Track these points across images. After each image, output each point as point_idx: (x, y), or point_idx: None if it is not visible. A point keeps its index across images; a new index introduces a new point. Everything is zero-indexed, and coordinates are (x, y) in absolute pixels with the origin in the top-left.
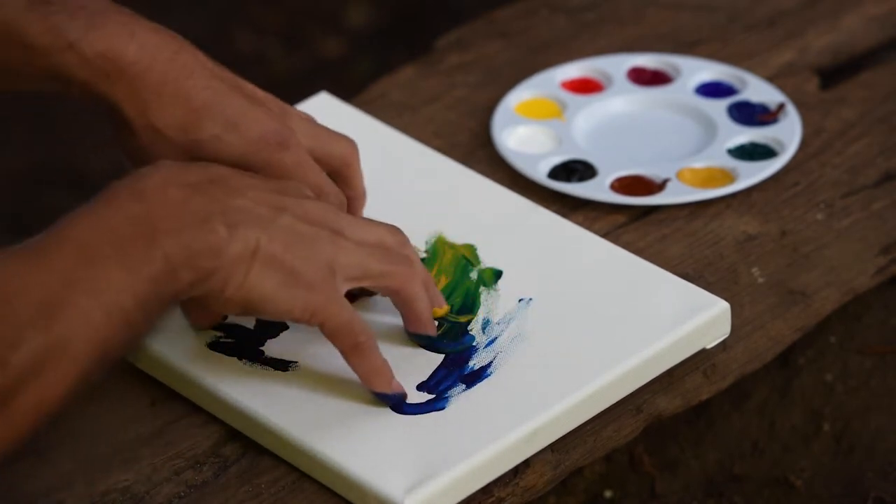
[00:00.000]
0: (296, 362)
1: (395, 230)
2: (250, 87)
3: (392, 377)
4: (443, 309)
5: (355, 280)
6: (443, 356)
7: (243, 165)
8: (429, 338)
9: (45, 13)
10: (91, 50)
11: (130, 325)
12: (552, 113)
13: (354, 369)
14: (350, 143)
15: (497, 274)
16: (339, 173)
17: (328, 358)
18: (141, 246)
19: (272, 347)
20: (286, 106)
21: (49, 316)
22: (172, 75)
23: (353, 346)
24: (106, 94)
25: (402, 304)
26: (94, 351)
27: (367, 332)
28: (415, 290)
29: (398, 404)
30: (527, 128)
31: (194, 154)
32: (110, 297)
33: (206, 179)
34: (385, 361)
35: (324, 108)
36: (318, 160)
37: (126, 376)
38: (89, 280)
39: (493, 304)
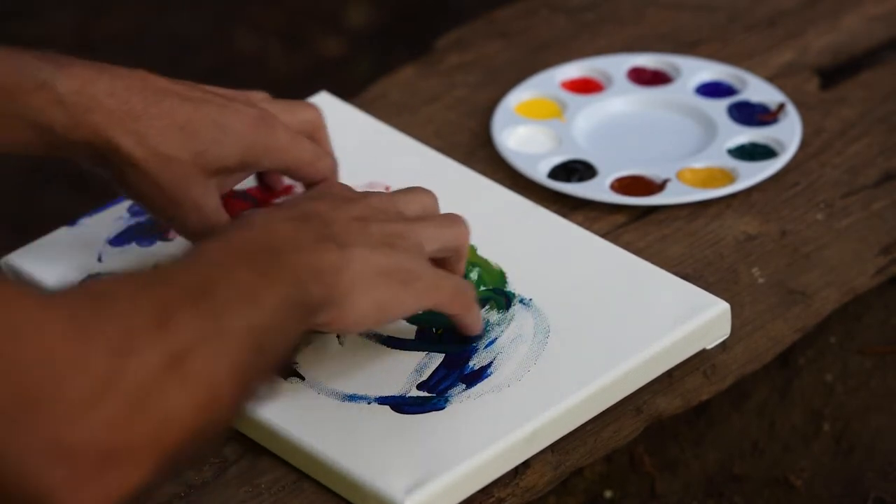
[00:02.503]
0: (296, 363)
1: (425, 192)
2: (210, 88)
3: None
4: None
5: (436, 252)
6: (443, 356)
7: (248, 159)
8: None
9: (11, 54)
10: (64, 88)
11: (265, 346)
12: (552, 113)
13: (462, 324)
14: (315, 108)
15: (502, 274)
16: (312, 137)
17: (328, 358)
18: (270, 261)
19: None
20: (245, 93)
21: (203, 298)
22: (151, 99)
23: (465, 306)
24: (95, 130)
25: (458, 261)
26: (248, 342)
27: (469, 286)
28: (468, 242)
29: (477, 338)
30: (527, 128)
31: (203, 166)
32: (248, 307)
33: (300, 213)
34: (478, 306)
35: (324, 108)
36: (295, 129)
37: None
38: (228, 281)
39: (521, 317)
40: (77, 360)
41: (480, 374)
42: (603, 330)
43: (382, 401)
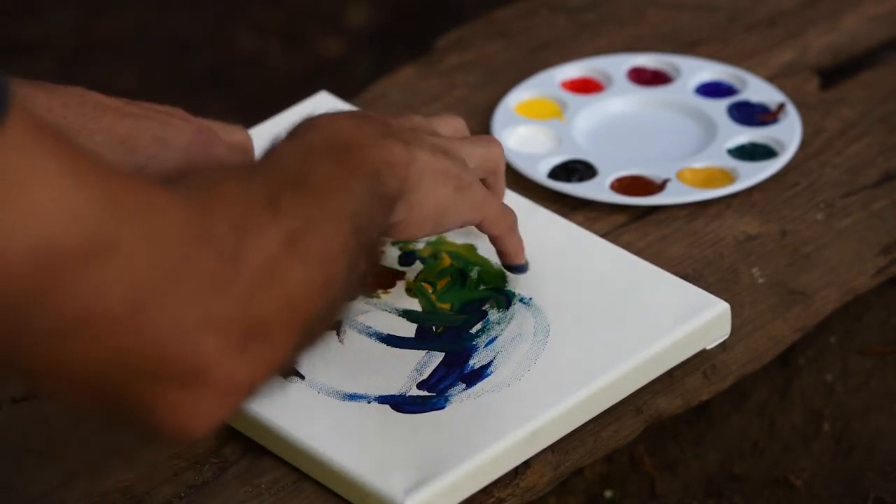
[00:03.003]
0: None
1: (454, 117)
2: (147, 104)
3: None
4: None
5: (480, 170)
6: (443, 354)
7: (188, 173)
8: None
9: None
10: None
11: (362, 229)
12: (552, 113)
13: (505, 247)
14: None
15: (502, 274)
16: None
17: (328, 357)
18: (345, 155)
19: None
20: (178, 109)
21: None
22: (90, 115)
23: (509, 227)
24: None
25: (496, 180)
26: (348, 224)
27: (512, 211)
28: (503, 163)
29: (524, 267)
30: (527, 128)
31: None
32: (340, 194)
33: (360, 115)
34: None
35: (324, 108)
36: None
37: None
38: (315, 173)
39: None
40: (206, 237)
41: (480, 373)
42: (603, 330)
43: (382, 400)
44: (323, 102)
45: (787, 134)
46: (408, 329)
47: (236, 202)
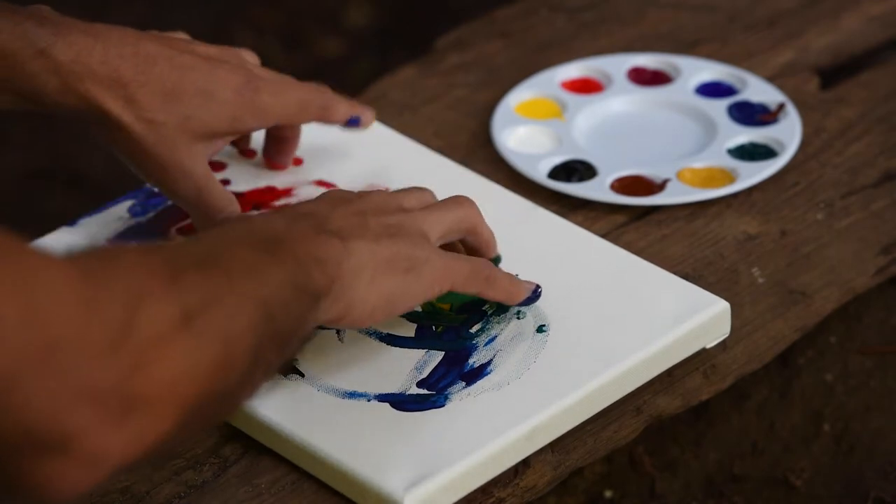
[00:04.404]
0: (296, 359)
1: (422, 189)
2: (203, 49)
3: (520, 281)
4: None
5: (444, 237)
6: (443, 353)
7: (235, 124)
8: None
9: (15, 20)
10: (62, 56)
11: (276, 317)
12: (552, 113)
13: (495, 298)
14: (290, 78)
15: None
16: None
17: (327, 355)
18: (272, 246)
19: None
20: (237, 52)
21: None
22: (141, 67)
23: (485, 283)
24: (86, 96)
25: (477, 239)
26: (259, 309)
27: (487, 264)
28: (480, 220)
29: (533, 297)
30: (527, 128)
31: (190, 131)
32: (255, 279)
33: (297, 213)
34: (509, 274)
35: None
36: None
37: None
38: (233, 257)
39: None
40: (93, 304)
41: (480, 371)
42: (603, 329)
43: (382, 398)
44: None
45: (787, 134)
46: (407, 328)
47: (131, 272)
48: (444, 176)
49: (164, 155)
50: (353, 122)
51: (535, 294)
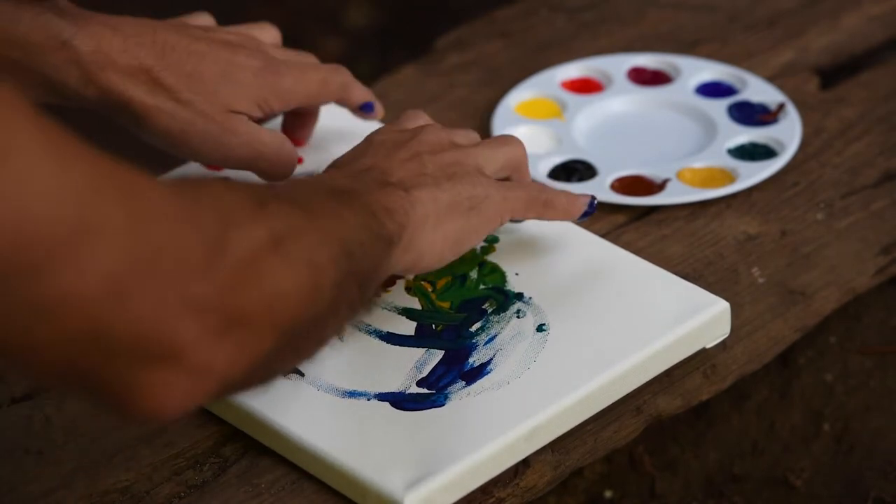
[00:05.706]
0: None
1: (470, 131)
2: (222, 35)
3: (576, 196)
4: None
5: (496, 173)
6: (442, 352)
7: (261, 105)
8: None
9: (36, 11)
10: (85, 47)
11: (355, 255)
12: (552, 113)
13: (556, 217)
14: (311, 57)
15: (502, 273)
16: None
17: (327, 354)
18: (344, 196)
19: None
20: (256, 34)
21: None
22: (160, 54)
23: (542, 207)
24: (108, 86)
25: (521, 178)
26: (339, 244)
27: (541, 187)
28: (526, 160)
29: (590, 211)
30: (527, 128)
31: (218, 104)
32: (334, 220)
33: (356, 170)
34: (564, 192)
35: (324, 108)
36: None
37: None
38: (312, 202)
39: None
40: (190, 220)
41: (480, 371)
42: (603, 328)
43: (382, 397)
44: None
45: (787, 134)
46: (407, 327)
47: (223, 196)
48: None
49: (200, 124)
50: (367, 108)
51: (592, 207)
